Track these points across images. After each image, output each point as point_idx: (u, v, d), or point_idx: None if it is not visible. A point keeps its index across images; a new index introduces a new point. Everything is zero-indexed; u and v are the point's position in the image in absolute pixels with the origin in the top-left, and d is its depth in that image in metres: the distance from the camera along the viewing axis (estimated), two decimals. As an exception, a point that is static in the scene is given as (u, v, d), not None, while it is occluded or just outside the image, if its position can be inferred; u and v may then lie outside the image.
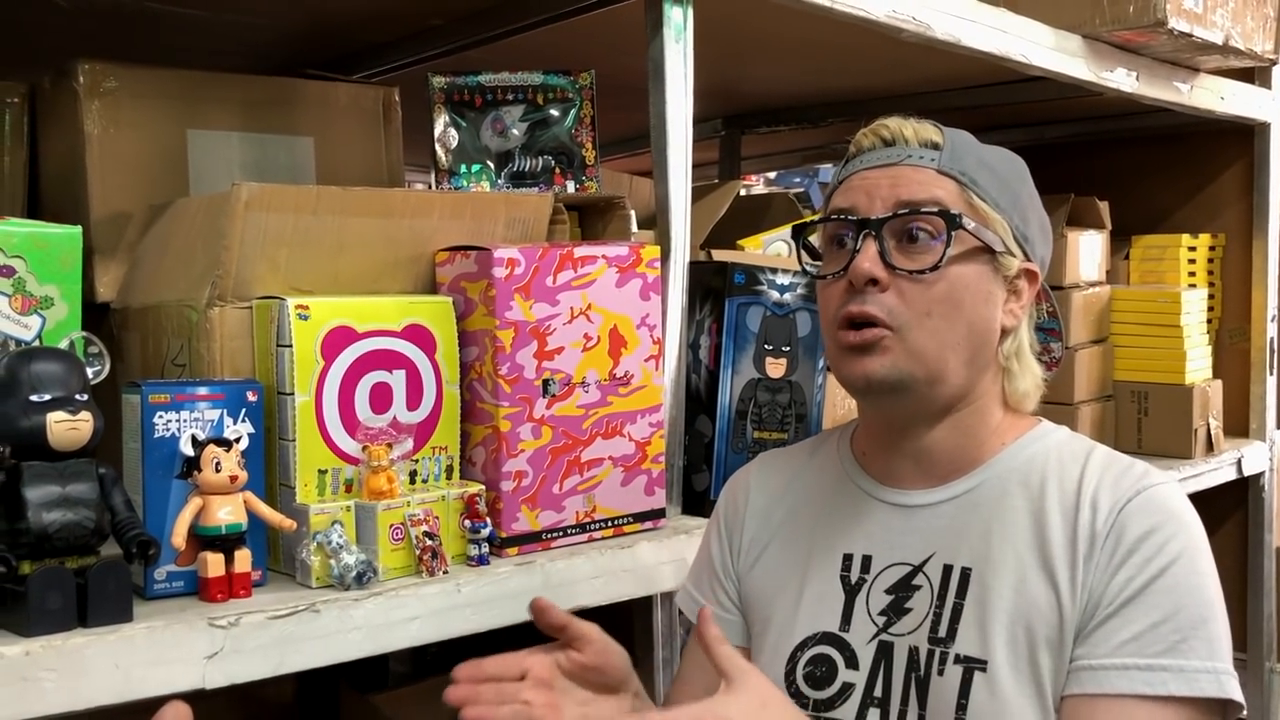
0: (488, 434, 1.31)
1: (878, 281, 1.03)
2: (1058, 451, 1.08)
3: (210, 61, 1.72)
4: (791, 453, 1.26)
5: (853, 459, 1.17)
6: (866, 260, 1.03)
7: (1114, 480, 1.03)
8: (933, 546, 1.08)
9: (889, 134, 1.08)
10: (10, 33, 1.76)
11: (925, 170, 1.06)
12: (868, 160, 1.08)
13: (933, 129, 1.08)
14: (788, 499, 1.20)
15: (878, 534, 1.11)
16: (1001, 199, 1.07)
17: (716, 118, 2.79)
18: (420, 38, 1.83)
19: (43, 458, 1.01)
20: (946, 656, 1.02)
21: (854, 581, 1.10)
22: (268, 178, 1.58)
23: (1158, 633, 0.96)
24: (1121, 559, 0.98)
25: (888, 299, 1.03)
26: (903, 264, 1.03)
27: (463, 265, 1.33)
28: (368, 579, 1.16)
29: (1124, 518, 1.00)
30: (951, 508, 1.08)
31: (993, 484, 1.08)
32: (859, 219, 1.05)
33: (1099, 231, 2.35)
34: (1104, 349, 2.34)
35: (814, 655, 1.09)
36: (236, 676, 1.06)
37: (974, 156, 1.08)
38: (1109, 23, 1.95)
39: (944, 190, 1.05)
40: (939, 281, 1.03)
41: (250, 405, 1.18)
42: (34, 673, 0.95)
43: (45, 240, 1.19)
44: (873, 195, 1.06)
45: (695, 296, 1.54)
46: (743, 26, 1.81)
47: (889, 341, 1.03)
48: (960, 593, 1.04)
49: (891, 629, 1.07)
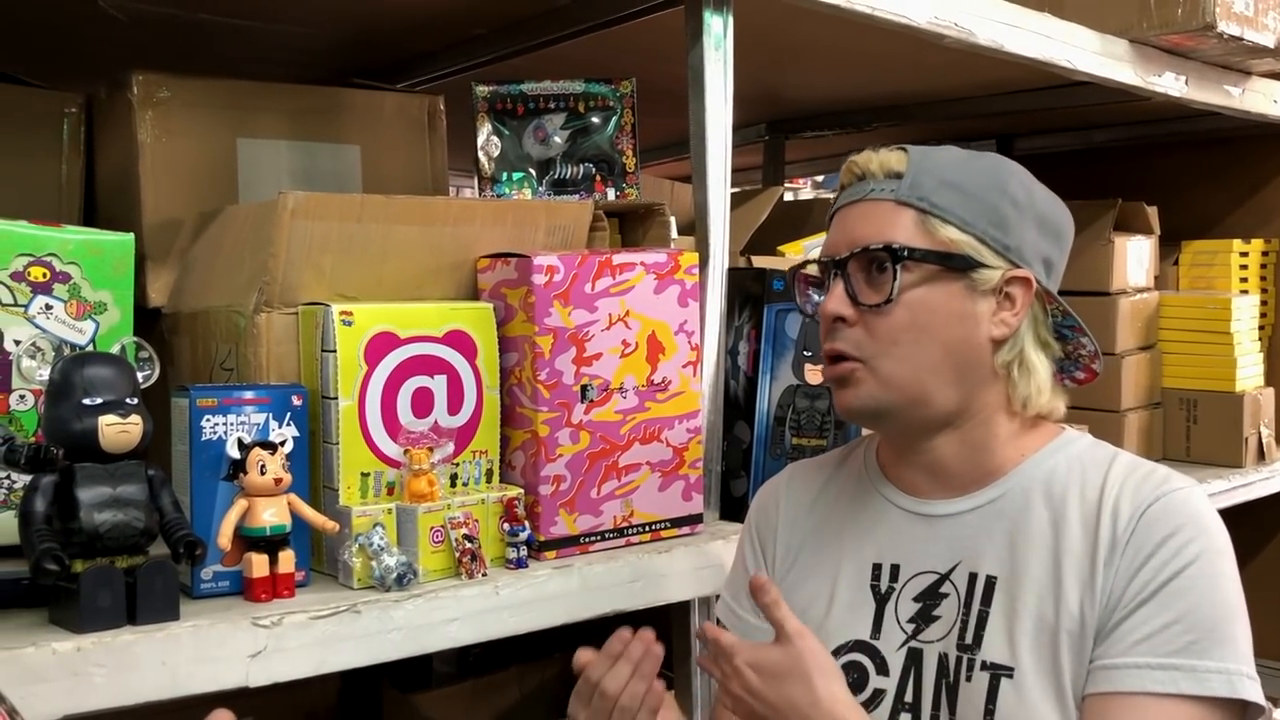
0: (527, 438, 1.33)
1: (844, 318, 1.08)
2: (1079, 460, 1.09)
3: (260, 71, 1.75)
4: (820, 463, 1.28)
5: (878, 469, 1.19)
6: (833, 300, 1.09)
7: (1135, 486, 1.04)
8: (958, 555, 1.09)
9: (859, 169, 1.13)
10: (70, 45, 1.81)
11: (883, 204, 1.09)
12: (846, 196, 1.13)
13: (898, 157, 1.10)
14: (818, 509, 1.22)
15: (904, 543, 1.13)
16: (969, 215, 1.08)
17: (760, 123, 2.79)
18: (464, 47, 1.85)
19: (94, 459, 1.04)
20: (974, 663, 1.04)
21: (883, 590, 1.12)
22: (315, 185, 1.61)
23: (1171, 632, 0.97)
24: (1141, 561, 1.00)
25: (854, 334, 1.08)
26: (864, 298, 1.08)
27: (503, 272, 1.35)
28: (408, 580, 1.18)
29: (1145, 522, 1.01)
30: (975, 517, 1.09)
31: (1016, 494, 1.09)
32: (827, 260, 1.12)
33: (1147, 237, 2.32)
34: (1152, 355, 2.31)
35: (846, 663, 1.11)
36: (279, 675, 1.09)
37: (936, 178, 1.09)
38: (1156, 26, 1.92)
39: (900, 223, 1.08)
40: (897, 310, 1.07)
41: (295, 409, 1.21)
42: (85, 668, 0.98)
43: (99, 247, 1.23)
44: (840, 235, 1.12)
45: (734, 303, 1.55)
46: (784, 33, 1.81)
47: (861, 373, 1.08)
48: (986, 600, 1.06)
49: (920, 636, 1.08)
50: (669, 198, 2.01)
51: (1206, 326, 2.30)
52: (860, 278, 1.09)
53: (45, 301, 1.20)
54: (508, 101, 1.63)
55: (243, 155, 1.57)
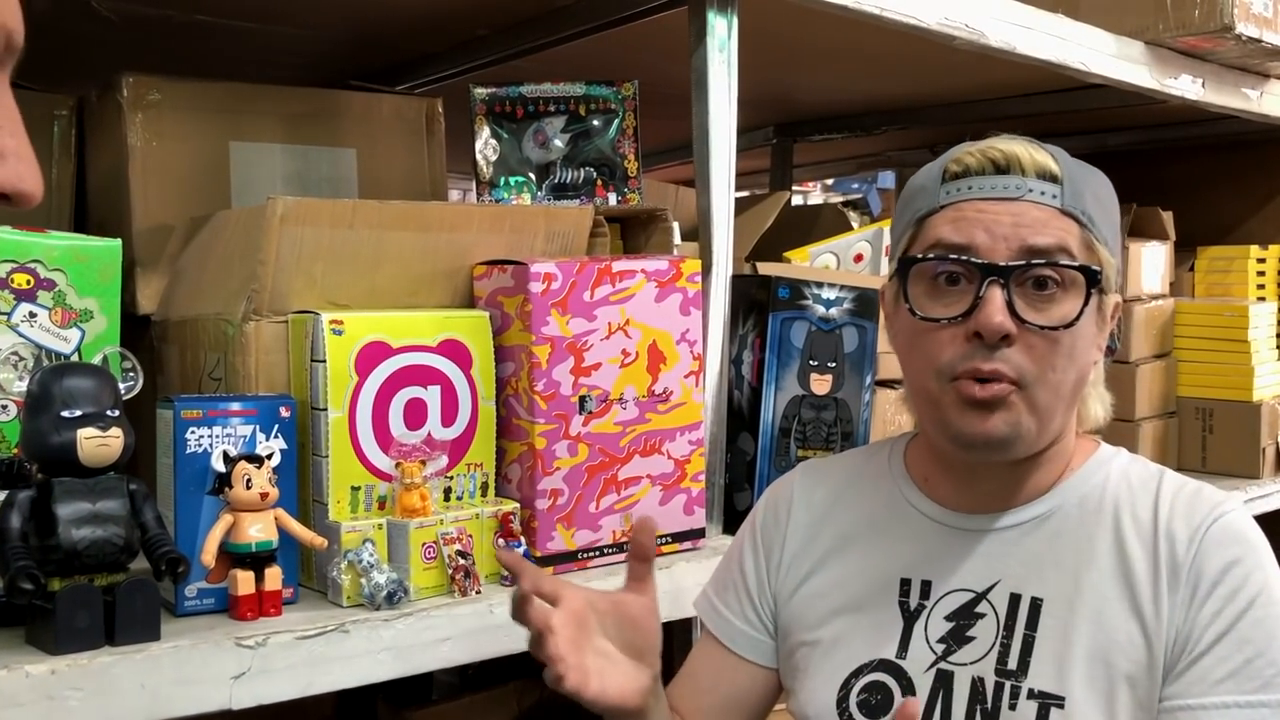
0: (523, 451, 1.29)
1: (1008, 336, 0.96)
2: (1126, 478, 1.04)
3: (258, 72, 1.72)
4: (837, 464, 1.20)
5: (908, 478, 1.12)
6: (999, 314, 0.95)
7: (1187, 508, 1.00)
8: (997, 574, 1.03)
9: (1002, 158, 0.99)
10: (62, 46, 1.77)
11: (1048, 210, 0.98)
12: (980, 188, 0.99)
13: (1048, 156, 1.00)
14: (836, 516, 1.14)
15: (937, 558, 1.06)
16: (1110, 237, 1.01)
17: (768, 126, 2.75)
18: (466, 48, 1.82)
19: (73, 474, 1.01)
20: (1019, 690, 0.99)
21: (913, 608, 1.06)
22: (310, 190, 1.58)
23: (1254, 668, 0.94)
24: (1206, 593, 0.96)
25: (1015, 355, 0.96)
26: (1032, 318, 0.96)
27: (499, 279, 1.31)
28: (398, 598, 1.15)
29: (1204, 549, 0.97)
30: (1018, 534, 1.04)
31: (1063, 512, 1.04)
32: (984, 263, 0.96)
33: (1162, 243, 2.28)
34: (1167, 364, 2.27)
35: (869, 683, 1.05)
36: (264, 697, 1.05)
37: (1090, 191, 1.00)
38: (1173, 29, 1.88)
39: (1071, 235, 0.98)
40: (1063, 336, 0.97)
41: (283, 421, 1.18)
42: (60, 691, 0.95)
43: (85, 253, 1.19)
44: (994, 234, 0.97)
45: (738, 311, 1.51)
46: (791, 35, 1.78)
47: (1015, 398, 0.97)
48: (1031, 624, 1.00)
49: (952, 657, 1.03)
50: (673, 202, 1.98)
51: (1223, 334, 2.26)
52: (1021, 290, 0.96)
53: (29, 309, 1.17)
54: (506, 104, 1.59)
55: (236, 159, 1.54)
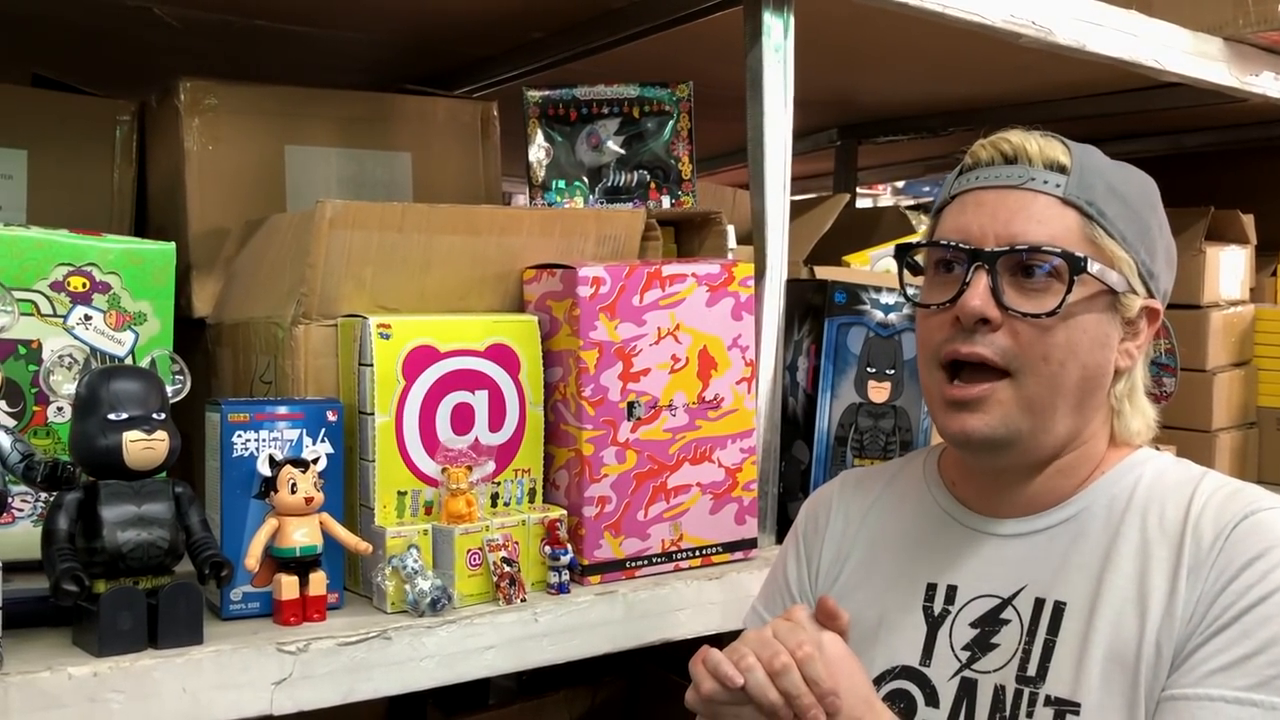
0: (570, 457, 1.27)
1: (989, 321, 0.96)
2: (1160, 480, 1.00)
3: (315, 77, 1.73)
4: (875, 473, 1.19)
5: (940, 483, 1.10)
6: (977, 297, 0.96)
7: (1220, 504, 0.95)
8: (1024, 579, 1.00)
9: (1010, 149, 1.00)
10: (126, 52, 1.81)
11: (1047, 198, 0.97)
12: (985, 177, 1.00)
13: (1060, 147, 1.00)
14: (870, 522, 1.13)
15: (964, 563, 1.04)
16: (1129, 232, 0.98)
17: (831, 127, 2.71)
18: (521, 51, 1.81)
19: (119, 476, 1.01)
20: (1036, 698, 0.95)
21: (937, 613, 1.04)
22: (365, 194, 1.58)
23: (1251, 664, 0.88)
24: (1224, 584, 0.91)
25: (1000, 339, 0.96)
26: (1017, 304, 0.96)
27: (548, 283, 1.30)
28: (442, 605, 1.13)
29: (1231, 541, 0.92)
30: (1045, 538, 1.01)
31: (1090, 514, 1.00)
32: (971, 249, 0.97)
33: (1242, 247, 2.20)
34: (1246, 372, 2.18)
35: (892, 690, 1.03)
36: (305, 703, 1.05)
37: (1103, 183, 0.98)
38: (1254, 23, 1.81)
39: (1066, 225, 0.97)
40: (1056, 326, 0.96)
41: (330, 425, 1.17)
42: (102, 693, 0.95)
43: (140, 256, 1.20)
44: (987, 222, 0.98)
45: (793, 316, 1.48)
46: (851, 35, 1.74)
47: (1001, 394, 0.97)
48: (1052, 629, 0.97)
49: (975, 665, 1.00)
50: (730, 206, 1.95)
51: (1306, 342, 2.18)
52: (1010, 278, 0.97)
53: (84, 312, 1.18)
54: (560, 107, 1.57)
55: (291, 163, 1.55)
